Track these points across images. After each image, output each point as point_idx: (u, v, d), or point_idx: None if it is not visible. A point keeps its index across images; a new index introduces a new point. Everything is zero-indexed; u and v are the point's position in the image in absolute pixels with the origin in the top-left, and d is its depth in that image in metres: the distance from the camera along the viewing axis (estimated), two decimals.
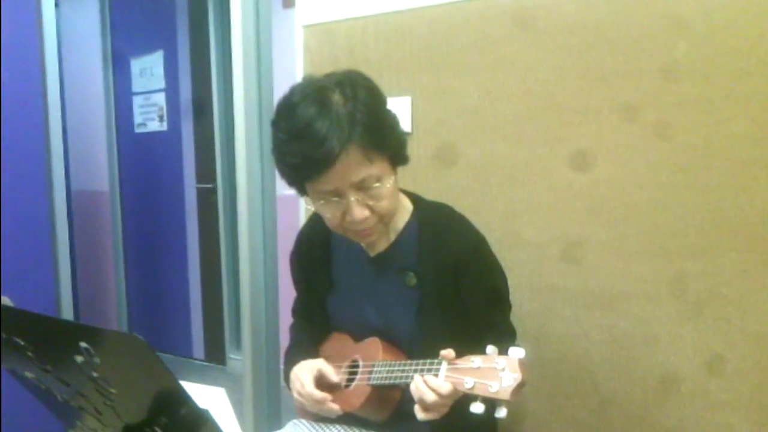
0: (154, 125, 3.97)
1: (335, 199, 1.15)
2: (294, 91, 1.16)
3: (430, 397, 1.04)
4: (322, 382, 1.26)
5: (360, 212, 1.14)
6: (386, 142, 1.15)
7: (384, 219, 1.19)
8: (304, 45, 1.86)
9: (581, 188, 1.47)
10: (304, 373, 1.26)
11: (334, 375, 1.26)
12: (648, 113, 1.37)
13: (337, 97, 1.11)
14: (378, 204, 1.15)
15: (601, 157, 1.44)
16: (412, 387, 1.08)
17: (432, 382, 1.04)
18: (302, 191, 1.21)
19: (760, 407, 1.30)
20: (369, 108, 1.12)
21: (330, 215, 1.18)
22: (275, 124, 1.16)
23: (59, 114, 2.50)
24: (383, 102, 1.19)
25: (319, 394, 1.22)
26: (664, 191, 1.37)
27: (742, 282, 1.30)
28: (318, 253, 1.39)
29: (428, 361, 1.10)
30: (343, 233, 1.22)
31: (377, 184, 1.14)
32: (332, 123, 1.08)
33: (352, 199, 1.13)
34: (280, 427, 1.42)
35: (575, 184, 1.47)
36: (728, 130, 1.29)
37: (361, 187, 1.13)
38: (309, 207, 1.22)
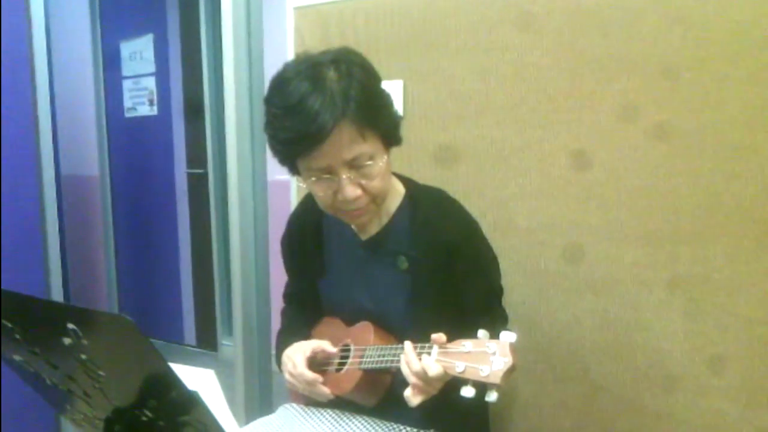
0: (144, 109, 3.94)
1: (327, 176, 1.14)
2: (287, 67, 1.15)
3: (416, 366, 1.04)
4: (314, 365, 1.25)
5: (352, 191, 1.13)
6: (380, 119, 1.15)
7: (376, 199, 1.18)
8: (295, 27, 1.85)
9: (575, 174, 1.46)
10: (297, 355, 1.26)
11: (330, 346, 1.26)
12: (643, 100, 1.37)
13: (331, 74, 1.10)
14: (370, 183, 1.15)
15: (595, 143, 1.43)
16: (402, 357, 1.08)
17: (424, 360, 1.04)
18: (294, 170, 1.20)
19: (752, 392, 1.30)
20: (363, 85, 1.11)
21: (322, 193, 1.17)
22: (268, 100, 1.15)
23: (48, 98, 2.47)
24: (378, 80, 1.18)
25: (311, 375, 1.22)
26: (658, 177, 1.37)
27: (735, 268, 1.30)
28: (309, 238, 1.38)
29: (419, 345, 1.09)
30: (334, 214, 1.21)
31: (369, 162, 1.13)
32: (326, 98, 1.07)
33: (344, 176, 1.12)
34: (271, 412, 1.42)
35: (569, 169, 1.47)
36: (721, 115, 1.29)
37: (354, 165, 1.12)
38: (301, 185, 1.21)
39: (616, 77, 1.39)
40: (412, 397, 1.06)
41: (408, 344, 1.09)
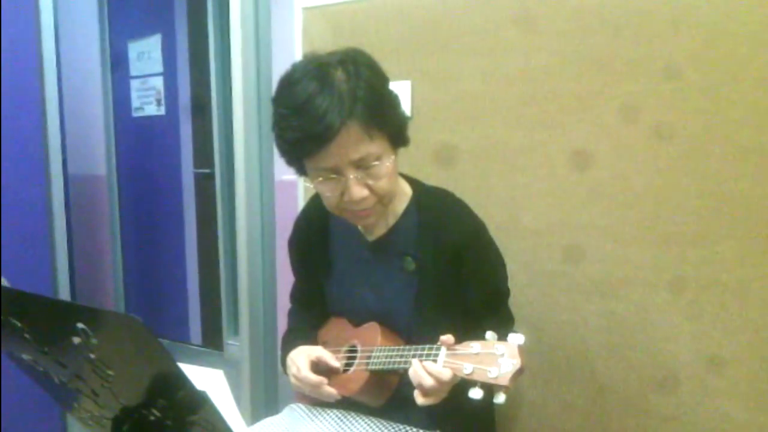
0: (152, 109, 3.95)
1: (334, 176, 1.14)
2: (295, 67, 1.15)
3: (429, 382, 1.04)
4: (318, 367, 1.26)
5: (359, 191, 1.13)
6: (387, 119, 1.15)
7: (383, 200, 1.18)
8: (303, 28, 1.85)
9: (581, 175, 1.46)
10: (300, 358, 1.26)
11: (333, 359, 1.26)
12: (648, 102, 1.37)
13: (339, 74, 1.10)
14: (377, 183, 1.15)
15: (601, 144, 1.43)
16: (411, 372, 1.08)
17: (431, 368, 1.04)
18: (301, 170, 1.20)
19: (758, 395, 1.30)
20: (371, 85, 1.11)
21: (329, 194, 1.17)
22: (276, 100, 1.16)
23: (56, 98, 2.48)
24: (385, 81, 1.18)
25: (315, 378, 1.22)
26: (664, 178, 1.36)
27: (741, 270, 1.30)
28: (316, 238, 1.39)
29: (427, 346, 1.10)
30: (341, 214, 1.21)
31: (376, 163, 1.13)
32: (333, 98, 1.07)
33: (351, 177, 1.12)
34: (277, 412, 1.42)
35: (575, 171, 1.47)
36: (728, 117, 1.28)
37: (361, 165, 1.12)
38: (308, 185, 1.21)
39: (622, 78, 1.39)
40: (420, 398, 1.06)
41: (417, 362, 1.08)
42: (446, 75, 1.62)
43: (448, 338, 1.05)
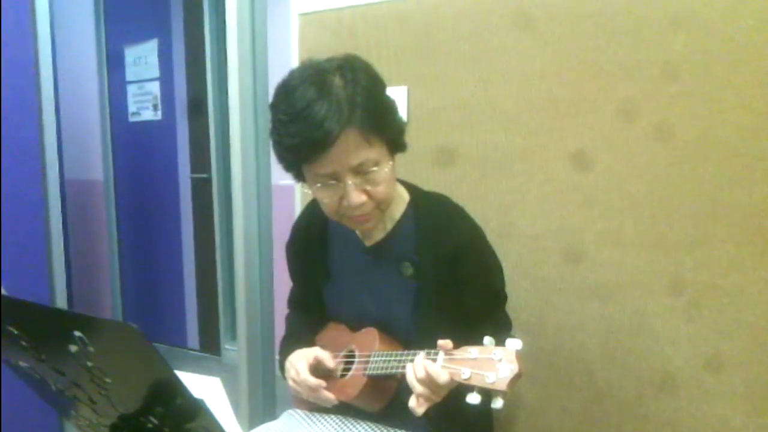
0: (149, 114, 3.95)
1: (332, 182, 1.14)
2: (293, 74, 1.15)
3: (421, 372, 1.04)
4: (317, 371, 1.25)
5: (357, 197, 1.13)
6: (385, 126, 1.15)
7: (381, 205, 1.18)
8: (300, 33, 1.85)
9: (578, 179, 1.46)
10: (299, 361, 1.26)
11: (330, 360, 1.26)
12: (646, 105, 1.37)
13: (337, 80, 1.10)
14: (375, 189, 1.15)
15: (598, 148, 1.43)
16: (409, 372, 1.08)
17: (430, 368, 1.04)
18: (299, 176, 1.21)
19: (755, 399, 1.30)
20: (369, 92, 1.11)
21: (327, 200, 1.17)
22: (274, 106, 1.16)
23: (53, 103, 2.48)
24: (383, 86, 1.18)
25: (314, 381, 1.22)
26: (662, 183, 1.37)
27: (738, 274, 1.30)
28: (314, 243, 1.39)
29: (425, 351, 1.09)
30: (339, 220, 1.21)
31: (375, 168, 1.13)
32: (332, 105, 1.07)
33: (350, 182, 1.12)
34: (275, 418, 1.42)
35: (572, 175, 1.47)
36: (726, 121, 1.29)
37: (359, 171, 1.13)
38: (306, 191, 1.21)
39: (619, 82, 1.39)
40: (417, 407, 1.06)
41: (422, 354, 1.08)
42: (443, 80, 1.62)
43: (446, 343, 1.05)
